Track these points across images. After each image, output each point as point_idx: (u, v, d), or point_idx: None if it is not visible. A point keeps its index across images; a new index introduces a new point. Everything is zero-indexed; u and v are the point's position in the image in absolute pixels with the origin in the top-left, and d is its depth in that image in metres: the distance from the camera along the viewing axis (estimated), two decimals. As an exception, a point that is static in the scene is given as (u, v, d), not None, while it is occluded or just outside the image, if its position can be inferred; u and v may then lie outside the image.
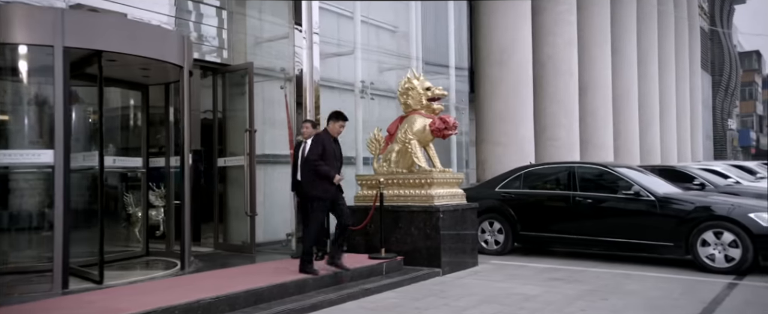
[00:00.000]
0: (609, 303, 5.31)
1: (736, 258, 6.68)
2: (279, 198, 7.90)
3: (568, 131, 15.65)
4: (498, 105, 13.22)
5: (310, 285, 5.39)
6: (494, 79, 13.30)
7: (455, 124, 7.35)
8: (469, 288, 6.09)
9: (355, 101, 8.95)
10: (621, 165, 8.43)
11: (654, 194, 7.34)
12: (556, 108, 15.53)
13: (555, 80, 15.51)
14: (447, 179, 7.35)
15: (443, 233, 6.89)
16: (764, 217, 6.67)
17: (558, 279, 6.53)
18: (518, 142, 13.15)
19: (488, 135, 13.30)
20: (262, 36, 7.96)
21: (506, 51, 13.23)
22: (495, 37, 13.34)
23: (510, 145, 13.09)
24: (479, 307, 5.23)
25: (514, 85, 13.20)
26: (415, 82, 7.54)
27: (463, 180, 7.81)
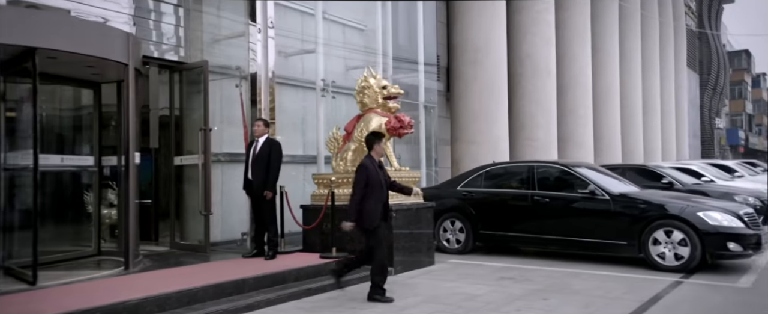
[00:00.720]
0: (547, 303, 5.32)
1: (685, 257, 6.70)
2: (237, 197, 7.86)
3: (546, 130, 15.66)
4: (472, 104, 13.22)
5: (250, 285, 5.37)
6: (468, 78, 13.30)
7: (411, 123, 7.34)
8: (416, 287, 6.09)
9: (317, 99, 8.91)
10: (580, 164, 8.44)
11: (609, 194, 7.35)
12: (534, 107, 15.53)
13: (533, 78, 15.51)
14: (402, 178, 7.33)
15: (396, 233, 6.88)
16: (712, 216, 6.70)
17: (509, 278, 6.54)
18: (492, 141, 13.15)
19: (462, 134, 13.31)
20: (220, 34, 7.91)
21: (481, 50, 13.22)
22: (469, 36, 13.33)
23: (484, 144, 13.10)
24: (418, 307, 5.22)
25: (488, 84, 13.20)
26: (372, 80, 7.53)
27: (420, 179, 7.78)
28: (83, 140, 7.01)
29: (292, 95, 9.15)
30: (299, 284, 5.77)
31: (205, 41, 7.81)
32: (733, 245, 6.59)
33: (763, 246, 6.87)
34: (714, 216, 6.69)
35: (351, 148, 7.54)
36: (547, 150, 15.49)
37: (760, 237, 6.76)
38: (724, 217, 6.70)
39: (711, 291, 5.80)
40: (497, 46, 13.42)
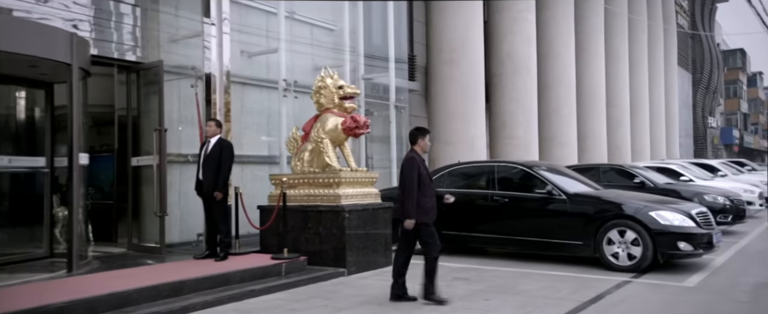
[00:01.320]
0: (486, 304, 5.29)
1: (638, 256, 6.68)
2: (195, 198, 7.83)
3: (526, 129, 15.63)
4: (449, 104, 13.20)
5: (190, 287, 5.35)
6: (445, 78, 13.28)
7: (366, 123, 7.31)
8: (364, 288, 6.06)
9: (279, 99, 8.88)
10: (540, 164, 8.41)
11: (565, 193, 7.33)
12: (515, 106, 15.51)
13: (513, 77, 15.50)
14: (358, 178, 7.31)
15: (350, 233, 6.85)
16: (664, 215, 6.68)
17: (461, 279, 6.51)
18: (469, 141, 13.12)
19: (439, 134, 13.26)
20: (177, 33, 7.88)
21: (457, 50, 13.19)
22: (445, 36, 13.30)
23: (461, 144, 13.07)
24: (356, 308, 5.20)
25: (465, 84, 13.17)
26: (329, 80, 7.50)
27: (377, 179, 7.75)
28: (35, 141, 6.98)
29: (257, 95, 9.13)
30: (243, 286, 5.75)
31: (162, 41, 7.78)
32: (683, 244, 6.57)
33: (715, 245, 6.86)
34: (665, 216, 6.67)
35: (308, 148, 7.51)
36: (527, 149, 15.48)
37: (712, 236, 6.74)
38: (675, 217, 6.68)
39: (654, 291, 5.77)
40: (473, 46, 13.38)
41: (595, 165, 12.55)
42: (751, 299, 5.34)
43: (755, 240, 9.63)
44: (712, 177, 16.10)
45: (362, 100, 11.13)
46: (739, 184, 14.39)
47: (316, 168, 7.41)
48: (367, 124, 7.31)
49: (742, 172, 20.40)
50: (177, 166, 7.79)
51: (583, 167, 12.89)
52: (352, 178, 7.23)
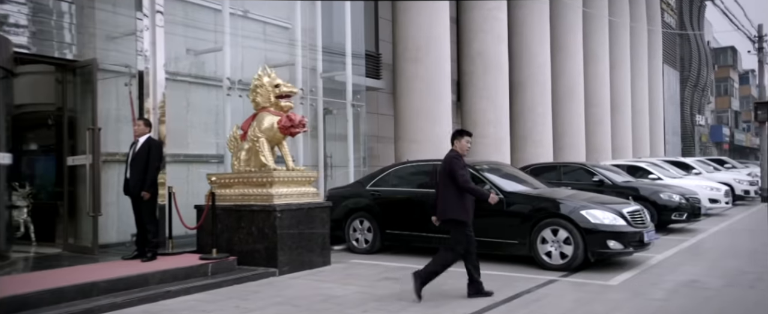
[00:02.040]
0: (400, 304, 5.25)
1: (569, 255, 6.65)
2: (134, 198, 7.79)
3: (497, 128, 15.60)
4: (413, 102, 13.13)
5: (101, 289, 5.30)
6: (409, 76, 13.21)
7: (303, 122, 7.26)
8: (287, 289, 6.02)
9: (223, 98, 8.82)
10: (481, 163, 8.35)
11: (502, 192, 7.28)
12: (485, 104, 15.48)
13: (484, 75, 15.46)
14: (294, 177, 7.27)
15: (281, 233, 6.81)
16: (595, 214, 6.65)
17: (390, 279, 6.47)
18: (434, 139, 13.04)
19: (404, 132, 13.22)
20: (115, 30, 7.81)
21: (421, 48, 13.12)
22: (410, 34, 13.23)
23: (426, 142, 13.00)
24: (267, 309, 5.15)
25: (429, 82, 13.10)
26: (266, 79, 7.45)
27: (316, 179, 7.70)
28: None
29: (204, 93, 9.08)
30: (160, 286, 5.70)
31: (98, 38, 7.71)
32: (613, 243, 6.54)
33: (648, 243, 6.83)
34: (596, 215, 6.64)
35: (244, 147, 7.47)
36: (498, 147, 15.45)
37: (643, 234, 6.71)
38: (605, 215, 6.65)
39: (574, 289, 5.74)
40: (439, 44, 13.32)
41: (557, 164, 12.55)
42: (665, 297, 5.31)
43: (706, 238, 9.60)
44: (685, 175, 16.10)
45: (320, 98, 11.11)
46: (707, 182, 14.38)
47: (253, 167, 7.36)
48: (303, 123, 7.26)
49: (719, 170, 20.43)
50: (115, 165, 7.74)
51: (545, 166, 12.90)
52: (287, 177, 7.19)
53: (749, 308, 5.00)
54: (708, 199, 13.77)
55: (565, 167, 12.06)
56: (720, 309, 4.96)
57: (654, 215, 10.43)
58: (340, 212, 8.77)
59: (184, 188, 8.17)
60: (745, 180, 17.61)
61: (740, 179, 17.67)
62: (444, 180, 5.46)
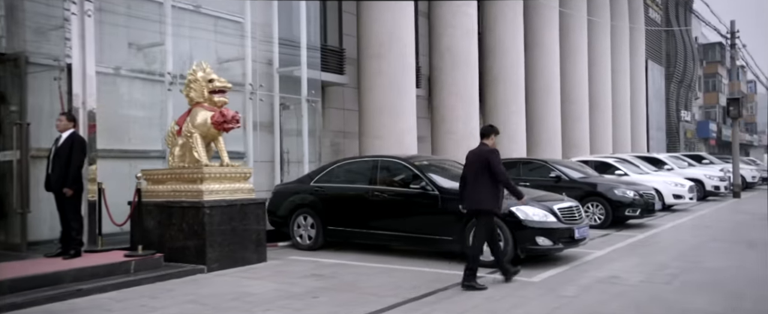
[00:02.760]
0: (306, 302, 5.19)
1: (501, 252, 6.60)
2: (68, 194, 7.68)
3: (466, 124, 15.49)
4: (376, 98, 13.02)
5: (4, 287, 5.20)
6: (372, 71, 13.10)
7: (235, 118, 7.17)
8: (207, 286, 5.93)
9: (164, 93, 8.71)
10: (423, 158, 8.27)
11: (438, 189, 7.22)
12: (454, 100, 15.38)
13: (453, 71, 15.36)
14: (227, 174, 7.18)
15: (210, 230, 6.73)
16: (524, 210, 6.59)
17: (316, 276, 6.40)
18: (397, 135, 12.95)
19: (368, 128, 13.12)
20: (47, 23, 7.66)
21: (385, 44, 12.99)
22: (374, 29, 13.11)
23: (389, 138, 12.91)
24: (171, 308, 5.07)
25: (392, 78, 12.99)
26: (200, 74, 7.35)
27: (251, 175, 7.60)
28: None
29: (149, 88, 8.95)
30: (73, 285, 5.60)
31: (28, 30, 7.55)
32: (541, 239, 6.49)
33: (580, 240, 6.78)
34: (525, 211, 6.58)
35: (178, 143, 7.38)
36: (467, 143, 15.32)
37: (573, 231, 6.66)
38: (535, 212, 6.59)
39: (493, 287, 5.67)
40: (403, 40, 13.18)
41: (518, 160, 12.50)
42: (575, 294, 5.25)
43: (656, 234, 9.55)
44: (656, 171, 16.08)
45: (276, 94, 11.01)
46: (673, 178, 14.35)
47: (187, 163, 7.27)
48: (236, 118, 7.17)
49: (694, 166, 20.42)
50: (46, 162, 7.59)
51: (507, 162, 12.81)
52: (220, 173, 7.10)
53: (646, 303, 4.94)
54: (672, 195, 13.78)
55: (525, 164, 12.03)
56: (621, 305, 4.89)
57: (608, 211, 10.44)
58: (285, 208, 8.70)
59: (125, 184, 8.04)
60: (715, 176, 17.62)
61: (711, 175, 17.67)
62: (478, 173, 5.80)
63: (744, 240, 8.56)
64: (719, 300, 4.95)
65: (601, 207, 10.48)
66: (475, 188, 5.79)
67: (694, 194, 14.21)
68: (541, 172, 11.42)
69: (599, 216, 10.48)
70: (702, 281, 5.74)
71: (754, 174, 23.36)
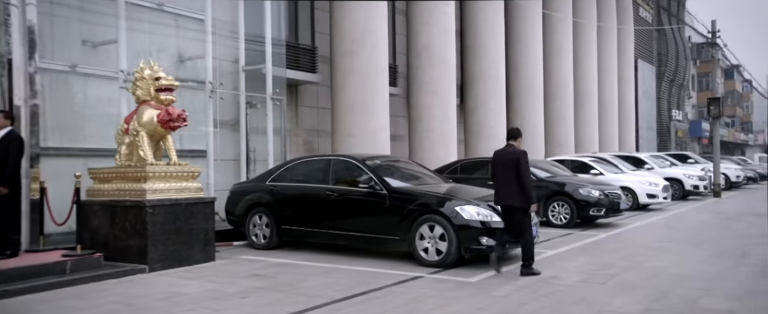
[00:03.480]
0: (233, 302, 5.12)
1: (444, 251, 6.53)
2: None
3: (443, 122, 15.43)
4: (348, 96, 12.95)
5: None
6: (344, 69, 13.03)
7: (182, 116, 7.09)
8: (141, 287, 5.86)
9: (118, 91, 8.63)
10: (375, 158, 8.18)
11: (386, 189, 7.15)
12: (431, 99, 15.32)
13: (430, 70, 15.29)
14: (172, 172, 7.10)
15: (153, 229, 6.66)
16: (467, 210, 6.52)
17: (258, 276, 6.33)
18: (369, 133, 12.89)
19: (340, 126, 13.06)
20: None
21: (357, 41, 12.92)
22: (346, 26, 13.03)
23: (361, 136, 12.84)
24: (95, 309, 5.00)
25: (365, 75, 12.92)
26: (147, 72, 7.28)
27: (200, 174, 7.53)
28: None
29: (106, 85, 8.87)
30: (1, 285, 5.53)
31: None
32: (485, 239, 6.42)
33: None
34: (469, 211, 6.51)
35: (125, 142, 7.32)
36: (444, 142, 15.32)
37: (519, 231, 6.58)
38: (479, 211, 6.52)
39: (427, 286, 5.61)
40: (375, 37, 13.10)
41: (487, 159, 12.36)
42: (506, 294, 5.19)
43: (619, 233, 9.48)
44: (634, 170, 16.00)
45: (242, 93, 10.93)
46: (647, 178, 14.28)
47: (134, 162, 7.20)
48: (182, 117, 7.10)
49: (676, 165, 20.35)
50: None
51: (477, 161, 12.79)
52: (166, 172, 7.03)
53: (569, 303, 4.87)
54: (646, 194, 13.73)
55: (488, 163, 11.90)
56: (541, 305, 4.81)
57: (573, 211, 10.37)
58: (242, 208, 8.64)
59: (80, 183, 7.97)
60: (695, 175, 17.56)
61: (690, 174, 17.61)
62: (506, 172, 6.24)
63: (696, 240, 8.51)
64: (641, 300, 4.89)
65: (566, 207, 10.41)
66: (506, 185, 6.24)
67: (669, 193, 14.15)
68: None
69: (565, 216, 10.42)
70: (636, 281, 5.67)
71: (739, 174, 23.28)
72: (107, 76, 8.82)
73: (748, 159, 39.04)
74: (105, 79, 8.84)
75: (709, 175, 18.52)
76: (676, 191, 17.14)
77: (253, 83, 11.06)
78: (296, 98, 14.08)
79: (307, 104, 14.34)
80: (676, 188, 17.20)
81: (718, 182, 18.49)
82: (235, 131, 10.99)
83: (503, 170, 6.30)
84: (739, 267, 6.33)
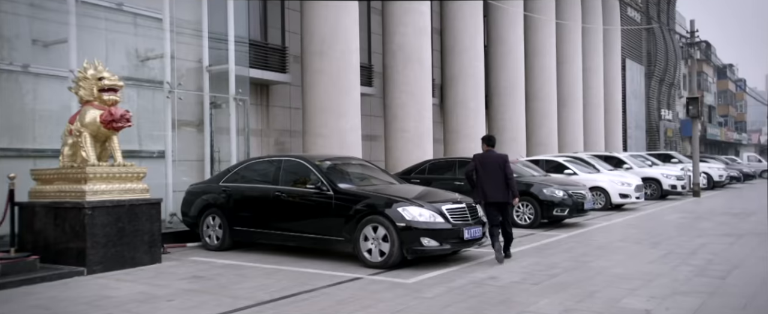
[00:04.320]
0: (166, 304, 5.03)
1: (387, 252, 6.44)
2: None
3: (418, 122, 15.34)
4: (318, 96, 12.85)
5: None
6: (314, 69, 12.93)
7: (125, 116, 6.97)
8: (72, 290, 5.73)
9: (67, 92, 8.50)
10: (329, 157, 8.10)
11: (333, 190, 7.05)
12: (406, 98, 15.23)
13: (404, 69, 15.21)
14: (115, 173, 6.99)
15: (92, 231, 6.54)
16: (410, 211, 6.42)
17: (197, 278, 6.22)
18: (339, 134, 12.79)
19: (310, 127, 12.96)
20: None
21: (326, 41, 12.83)
22: (316, 26, 12.93)
23: (330, 137, 12.75)
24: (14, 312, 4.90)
25: (335, 76, 12.82)
26: (90, 72, 7.16)
27: (145, 175, 7.41)
28: None
29: (57, 86, 8.75)
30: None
31: None
32: (427, 240, 6.33)
33: (470, 240, 6.62)
34: (411, 211, 6.41)
35: (68, 142, 7.19)
36: (419, 141, 15.23)
37: (462, 231, 6.50)
38: (421, 212, 6.42)
39: (363, 287, 5.51)
40: (345, 37, 13.00)
41: (454, 159, 12.32)
42: (434, 295, 5.09)
43: (581, 233, 9.39)
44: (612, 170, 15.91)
45: (206, 93, 10.83)
46: (620, 177, 14.19)
47: (78, 163, 7.08)
48: (125, 117, 6.98)
49: (657, 165, 20.28)
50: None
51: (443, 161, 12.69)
52: (108, 173, 6.91)
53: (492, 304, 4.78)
54: (618, 194, 13.66)
55: (461, 163, 11.84)
56: (464, 307, 4.71)
57: (537, 211, 10.29)
58: (196, 209, 8.53)
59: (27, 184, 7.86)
60: (672, 175, 17.49)
61: (668, 174, 17.55)
62: (495, 173, 7.14)
63: (655, 240, 8.43)
64: (565, 300, 4.80)
65: (531, 207, 10.33)
66: (496, 184, 7.09)
67: (642, 193, 14.09)
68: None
69: (529, 216, 10.34)
70: (571, 281, 5.58)
71: (721, 173, 23.22)
72: (59, 76, 8.71)
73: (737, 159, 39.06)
74: (56, 79, 8.73)
75: (688, 174, 18.47)
76: (654, 191, 17.09)
77: (218, 82, 10.97)
78: (267, 98, 13.98)
79: (279, 105, 14.23)
80: (654, 188, 17.15)
81: (697, 182, 18.43)
82: (201, 132, 10.88)
83: (492, 171, 7.14)
84: (682, 267, 6.25)
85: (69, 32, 8.49)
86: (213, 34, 10.93)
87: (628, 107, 35.15)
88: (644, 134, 39.35)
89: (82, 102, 7.22)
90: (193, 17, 10.77)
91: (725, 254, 7.04)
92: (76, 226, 6.59)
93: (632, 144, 35.18)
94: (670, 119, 45.82)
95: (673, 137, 47.35)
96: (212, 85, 10.94)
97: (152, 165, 9.88)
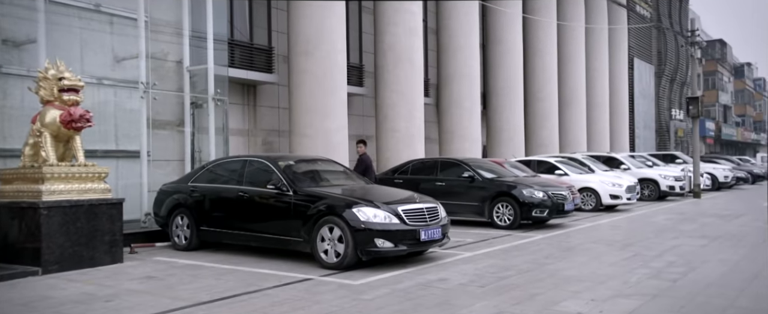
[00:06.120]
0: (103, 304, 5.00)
1: (342, 253, 6.34)
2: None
3: (409, 122, 15.24)
4: (303, 96, 12.81)
5: None
6: (300, 69, 12.88)
7: (84, 116, 6.95)
8: (20, 290, 5.70)
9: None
10: (292, 157, 8.03)
11: (293, 190, 6.97)
12: (397, 98, 15.14)
13: (395, 69, 15.11)
14: (75, 173, 6.96)
15: (48, 231, 6.53)
16: (364, 212, 6.31)
17: (150, 278, 6.18)
18: (324, 134, 12.73)
19: (295, 127, 12.93)
20: None
21: (312, 41, 12.77)
22: (301, 26, 12.89)
23: (316, 137, 12.69)
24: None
25: (320, 76, 12.76)
26: (51, 72, 7.15)
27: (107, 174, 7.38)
28: None
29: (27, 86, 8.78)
30: None
31: None
32: (381, 241, 6.21)
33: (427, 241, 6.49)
34: (365, 212, 6.30)
35: (29, 142, 7.19)
36: (409, 141, 15.13)
37: (418, 232, 6.37)
38: (376, 213, 6.31)
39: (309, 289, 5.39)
40: (331, 37, 12.93)
41: (437, 160, 12.16)
42: (373, 297, 4.98)
43: (554, 236, 9.17)
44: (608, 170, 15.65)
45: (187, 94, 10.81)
46: (612, 179, 13.94)
47: (39, 163, 7.07)
48: (84, 117, 6.96)
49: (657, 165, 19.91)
50: None
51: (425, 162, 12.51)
52: (67, 173, 6.89)
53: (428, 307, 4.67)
54: (609, 195, 13.43)
55: (443, 163, 11.71)
56: (397, 309, 4.60)
57: (517, 212, 10.11)
58: (166, 208, 8.50)
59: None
60: (671, 176, 17.16)
61: (666, 175, 17.22)
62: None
63: (630, 241, 8.24)
64: (501, 303, 4.67)
65: (510, 208, 10.15)
66: None
67: (635, 194, 13.83)
68: (456, 172, 11.12)
69: (509, 217, 10.16)
70: (519, 283, 5.43)
71: (727, 174, 22.74)
72: (31, 76, 8.71)
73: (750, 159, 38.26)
74: (28, 79, 8.72)
75: (688, 175, 18.12)
76: (652, 192, 16.80)
77: (199, 82, 10.95)
78: (255, 98, 13.96)
79: (266, 104, 14.20)
80: (651, 188, 16.85)
81: (697, 183, 18.07)
82: (181, 132, 10.87)
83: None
84: (640, 269, 6.07)
85: (38, 32, 8.50)
86: (194, 34, 10.91)
87: (637, 106, 34.66)
88: (654, 134, 38.77)
89: (43, 102, 7.21)
90: (174, 17, 10.76)
91: (690, 256, 6.84)
92: (31, 226, 6.57)
93: (641, 144, 34.69)
94: (681, 119, 45.11)
95: (685, 137, 46.63)
96: (194, 85, 10.93)
97: (129, 165, 9.93)
